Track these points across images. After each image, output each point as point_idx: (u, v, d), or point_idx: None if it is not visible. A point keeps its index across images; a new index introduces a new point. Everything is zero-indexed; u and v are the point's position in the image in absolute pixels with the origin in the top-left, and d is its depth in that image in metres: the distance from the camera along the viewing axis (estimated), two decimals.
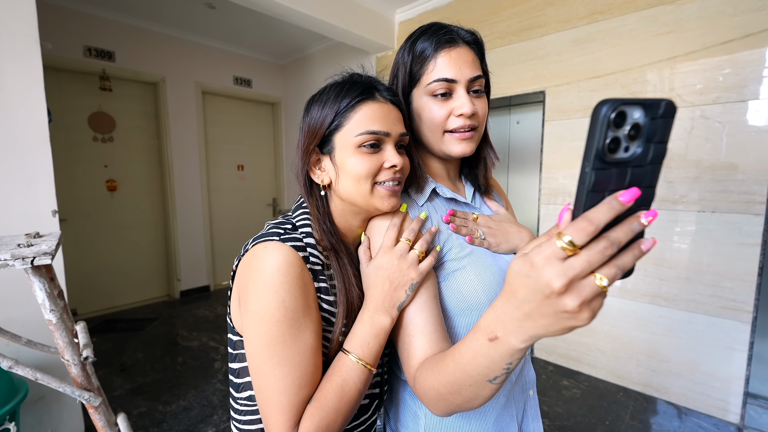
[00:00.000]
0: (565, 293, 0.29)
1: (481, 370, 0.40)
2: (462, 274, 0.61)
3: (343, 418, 0.53)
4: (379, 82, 0.62)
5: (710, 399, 1.99)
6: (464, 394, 0.43)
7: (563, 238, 0.29)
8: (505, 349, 0.36)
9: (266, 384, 0.52)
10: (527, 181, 2.84)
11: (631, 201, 0.28)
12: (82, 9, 3.13)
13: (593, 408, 2.09)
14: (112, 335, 3.03)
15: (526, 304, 0.32)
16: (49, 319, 0.90)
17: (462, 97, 0.61)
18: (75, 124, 3.25)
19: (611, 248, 0.28)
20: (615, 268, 0.29)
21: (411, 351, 0.54)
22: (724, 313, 1.93)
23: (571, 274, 0.29)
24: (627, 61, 2.12)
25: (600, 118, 0.28)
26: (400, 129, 0.60)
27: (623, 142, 0.29)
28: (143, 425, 1.94)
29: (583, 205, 0.30)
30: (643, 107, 0.28)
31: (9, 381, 1.40)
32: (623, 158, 0.29)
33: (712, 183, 1.92)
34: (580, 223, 0.28)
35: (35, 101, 1.59)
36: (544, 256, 0.30)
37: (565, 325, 0.31)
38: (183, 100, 3.79)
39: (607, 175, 0.29)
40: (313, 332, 0.54)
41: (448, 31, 0.62)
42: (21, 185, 1.58)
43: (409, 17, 3.14)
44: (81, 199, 3.32)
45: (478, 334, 0.39)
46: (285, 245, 0.54)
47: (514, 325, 0.34)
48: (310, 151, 0.60)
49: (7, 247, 0.89)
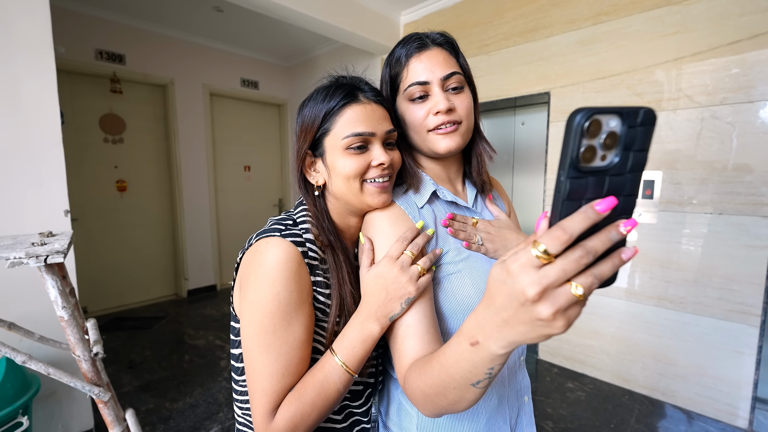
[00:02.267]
0: (539, 301, 0.29)
1: (463, 374, 0.40)
2: (457, 279, 0.62)
3: (318, 412, 0.55)
4: (364, 82, 0.65)
5: (718, 403, 1.97)
6: (449, 396, 0.44)
7: (538, 247, 0.29)
8: (486, 354, 0.37)
9: (254, 369, 0.55)
10: (532, 183, 2.83)
11: (607, 210, 0.28)
12: (94, 13, 3.19)
13: (598, 411, 2.08)
14: (120, 333, 3.08)
15: (503, 310, 0.33)
16: (61, 316, 0.92)
17: (437, 95, 0.62)
18: (86, 126, 3.32)
19: (587, 257, 0.28)
20: (592, 277, 0.29)
21: (402, 352, 0.55)
22: (732, 317, 1.91)
23: (545, 282, 0.29)
24: (633, 62, 2.11)
25: (573, 127, 0.28)
26: (385, 127, 0.62)
27: (599, 150, 0.29)
28: (150, 421, 1.97)
29: (559, 214, 0.30)
30: (619, 116, 0.28)
31: (22, 376, 1.43)
32: (600, 167, 0.29)
33: (721, 184, 1.90)
34: (555, 232, 0.28)
35: (49, 104, 1.63)
36: (520, 263, 0.30)
37: (540, 333, 0.31)
38: (191, 102, 3.85)
39: (583, 184, 0.29)
40: (303, 326, 0.57)
41: (418, 38, 0.65)
42: (34, 185, 1.62)
43: (414, 19, 3.15)
44: (91, 199, 3.39)
45: (461, 338, 0.39)
46: (285, 240, 0.58)
47: (494, 330, 0.34)
48: (303, 154, 0.64)
49: (22, 246, 0.92)
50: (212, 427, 1.93)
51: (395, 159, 0.65)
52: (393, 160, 0.64)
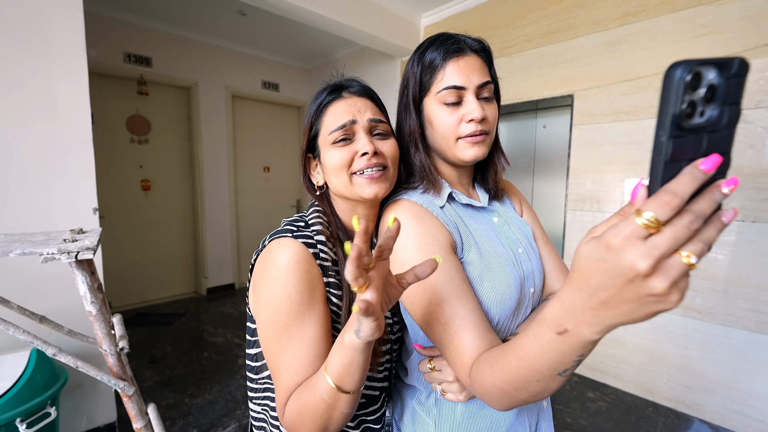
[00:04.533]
0: (652, 275, 0.27)
1: (549, 365, 0.38)
2: (477, 283, 0.60)
3: (311, 418, 0.50)
4: (350, 80, 0.68)
5: (748, 419, 1.88)
6: (531, 389, 0.42)
7: (644, 215, 0.27)
8: (577, 341, 0.34)
9: (273, 366, 0.57)
10: (553, 187, 2.77)
11: (713, 168, 0.27)
12: (123, 17, 3.30)
13: (620, 422, 2.01)
14: (142, 328, 3.16)
15: (602, 290, 0.30)
16: (89, 311, 0.95)
17: (472, 102, 0.62)
18: (114, 127, 3.43)
19: (697, 222, 0.26)
20: (701, 243, 0.27)
21: (461, 347, 0.51)
22: (764, 329, 1.83)
23: (657, 253, 0.26)
24: (661, 63, 2.04)
25: (675, 82, 0.26)
26: (368, 116, 0.64)
27: (699, 106, 0.27)
28: (170, 416, 2.01)
29: (660, 178, 0.28)
30: (717, 67, 0.27)
31: (51, 368, 1.48)
32: (699, 123, 0.27)
33: (754, 191, 1.83)
34: (663, 197, 0.26)
35: (81, 105, 1.69)
36: (624, 236, 0.27)
37: (650, 310, 0.29)
38: (214, 104, 3.93)
39: (685, 144, 0.27)
40: (317, 324, 0.57)
41: (456, 41, 0.64)
42: (67, 184, 1.68)
43: (435, 21, 3.14)
44: (117, 197, 3.49)
45: (543, 328, 0.37)
46: (297, 242, 0.58)
47: (587, 315, 0.32)
48: (305, 156, 0.69)
49: (54, 242, 0.95)
50: (230, 424, 1.96)
51: (387, 149, 0.64)
52: (384, 150, 0.64)
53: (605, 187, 2.30)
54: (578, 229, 2.43)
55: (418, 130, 0.67)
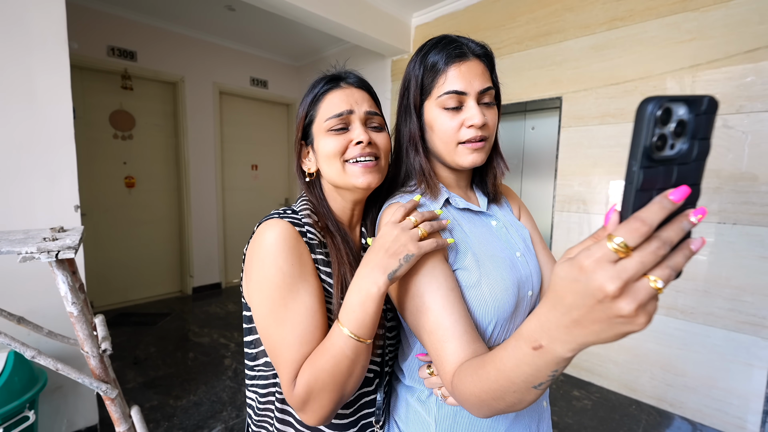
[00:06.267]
0: (620, 297, 0.28)
1: (525, 378, 0.39)
2: (476, 291, 0.60)
3: (333, 380, 0.53)
4: (348, 72, 0.69)
5: (727, 416, 1.94)
6: (508, 399, 0.43)
7: (614, 240, 0.28)
8: (551, 357, 0.35)
9: (274, 343, 0.57)
10: (541, 188, 2.81)
11: (682, 199, 0.28)
12: (107, 9, 3.22)
13: (604, 420, 2.05)
14: (125, 329, 3.09)
15: (574, 310, 0.31)
16: (70, 312, 0.92)
17: (472, 108, 0.61)
18: (96, 122, 3.34)
19: (664, 248, 0.28)
20: (668, 269, 0.28)
21: (444, 356, 0.52)
22: (743, 328, 1.88)
23: (625, 276, 0.28)
24: (647, 68, 2.08)
25: (647, 115, 0.28)
26: (365, 108, 0.66)
27: (669, 139, 0.29)
28: (155, 419, 1.97)
29: (631, 206, 0.29)
30: (686, 103, 0.28)
31: (30, 370, 1.43)
32: (669, 156, 0.29)
33: (734, 194, 1.88)
34: (633, 224, 0.28)
35: (62, 99, 1.64)
36: (595, 258, 0.29)
37: (618, 331, 0.30)
38: (201, 100, 3.86)
39: (655, 174, 0.29)
40: (311, 294, 0.59)
41: (459, 45, 0.63)
42: (46, 180, 1.63)
43: (426, 21, 3.15)
44: (100, 194, 3.40)
45: (521, 342, 0.38)
46: (282, 221, 0.61)
47: (561, 332, 0.33)
48: (298, 144, 0.70)
49: (33, 241, 0.91)
50: (216, 426, 1.93)
51: (381, 141, 0.66)
52: (378, 141, 0.66)
53: (592, 189, 2.33)
54: (565, 230, 2.47)
55: (419, 134, 0.67)
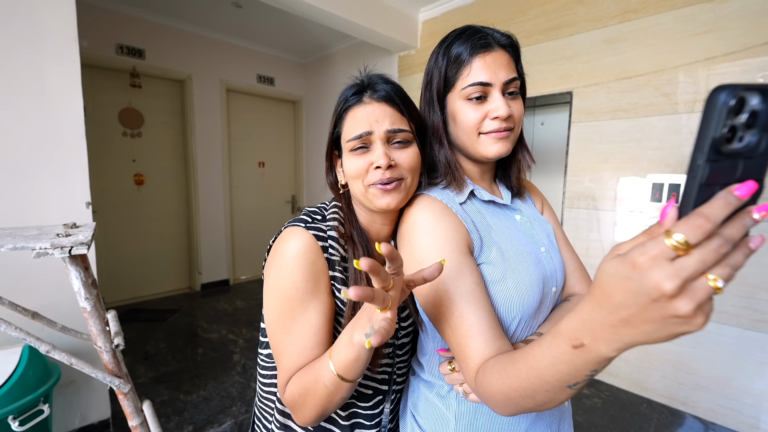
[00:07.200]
0: (678, 296, 0.27)
1: (560, 377, 0.38)
2: (501, 285, 0.59)
3: (312, 401, 0.54)
4: (373, 80, 0.64)
5: (741, 415, 1.91)
6: (538, 398, 0.41)
7: (674, 236, 0.27)
8: (592, 357, 0.34)
9: (276, 347, 0.61)
10: (550, 184, 2.78)
11: (748, 195, 0.27)
12: (116, 8, 3.23)
13: (615, 419, 2.03)
14: (136, 324, 3.13)
15: (624, 308, 0.30)
16: (83, 307, 0.93)
17: (497, 99, 0.60)
18: (106, 120, 3.37)
19: (726, 246, 0.26)
20: (728, 268, 0.27)
21: (467, 352, 0.52)
22: (758, 327, 1.85)
23: (684, 275, 0.26)
24: (660, 61, 2.04)
25: (718, 106, 0.26)
26: (386, 126, 0.61)
27: (739, 131, 0.27)
28: (165, 413, 1.99)
29: (693, 201, 0.28)
30: (761, 93, 0.26)
31: (44, 364, 1.45)
32: (737, 149, 0.27)
33: None
34: (695, 220, 0.26)
35: (73, 97, 1.65)
36: (651, 255, 0.27)
37: (673, 332, 0.29)
38: (208, 98, 3.88)
39: (721, 168, 0.27)
40: (319, 313, 0.60)
41: (483, 36, 0.62)
42: (58, 177, 1.64)
43: (433, 16, 3.12)
44: (110, 191, 3.44)
45: (558, 340, 0.36)
46: (307, 233, 0.61)
47: (607, 332, 0.32)
48: (330, 154, 0.69)
49: (47, 237, 0.92)
50: (225, 421, 1.94)
51: (404, 160, 0.62)
52: (401, 161, 0.62)
53: (602, 185, 2.30)
54: (574, 227, 2.44)
55: (442, 126, 0.66)
